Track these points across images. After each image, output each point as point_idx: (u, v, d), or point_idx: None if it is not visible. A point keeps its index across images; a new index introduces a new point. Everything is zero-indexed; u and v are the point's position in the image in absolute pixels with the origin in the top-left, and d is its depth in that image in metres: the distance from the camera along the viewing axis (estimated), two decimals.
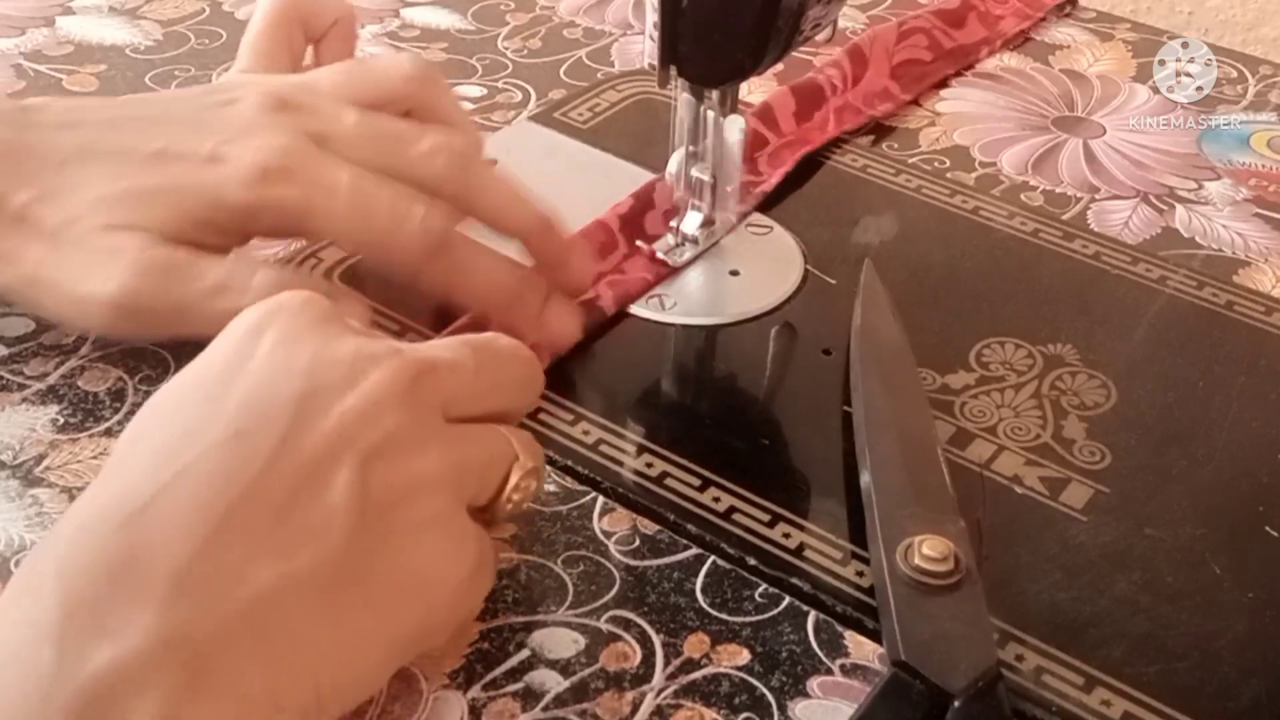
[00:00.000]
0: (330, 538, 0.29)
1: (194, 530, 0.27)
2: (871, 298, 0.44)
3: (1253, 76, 0.63)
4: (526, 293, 0.42)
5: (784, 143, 0.55)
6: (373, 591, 0.29)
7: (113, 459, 0.31)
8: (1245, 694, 0.34)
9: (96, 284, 0.39)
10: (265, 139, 0.39)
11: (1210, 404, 0.43)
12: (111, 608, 0.26)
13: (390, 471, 0.30)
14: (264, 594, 0.28)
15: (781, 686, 0.33)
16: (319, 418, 0.30)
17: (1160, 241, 0.51)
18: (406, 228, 0.39)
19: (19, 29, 0.61)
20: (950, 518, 0.35)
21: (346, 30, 0.49)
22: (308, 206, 0.39)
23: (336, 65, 0.45)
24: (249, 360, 0.31)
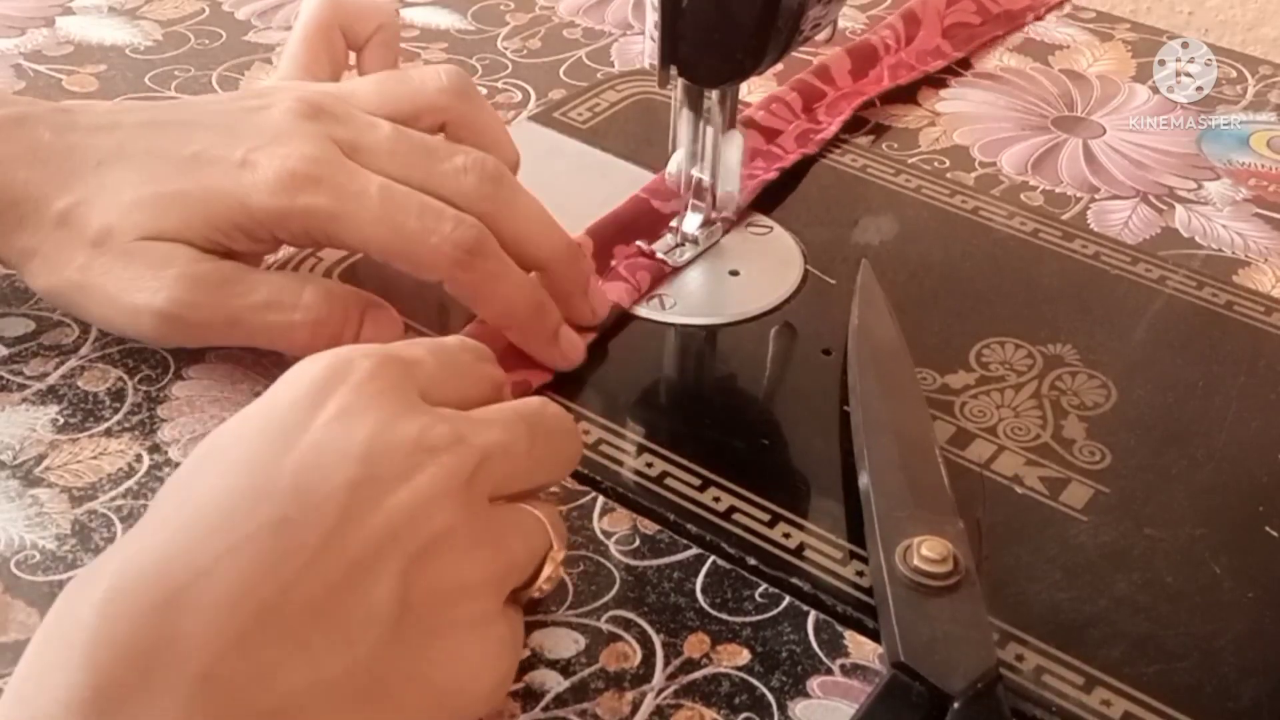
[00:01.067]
0: (365, 644, 0.28)
1: (228, 624, 0.26)
2: (868, 298, 0.44)
3: (1253, 76, 0.63)
4: (545, 314, 0.42)
5: (841, 94, 0.58)
6: (402, 700, 0.29)
7: (157, 508, 0.30)
8: (1245, 694, 0.34)
9: (147, 294, 0.39)
10: (295, 146, 0.39)
11: (1210, 404, 0.43)
12: (139, 699, 0.25)
13: (435, 575, 0.29)
14: (292, 699, 0.27)
15: (781, 686, 0.33)
16: (369, 512, 0.29)
17: (1160, 241, 0.51)
18: (433, 240, 0.39)
19: (19, 29, 0.61)
20: (949, 519, 0.35)
21: (389, 37, 0.48)
22: (336, 213, 0.39)
23: (373, 75, 0.45)
24: (306, 431, 0.30)
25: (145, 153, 0.40)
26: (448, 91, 0.43)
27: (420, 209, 0.39)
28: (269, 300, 0.40)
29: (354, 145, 0.40)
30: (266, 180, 0.38)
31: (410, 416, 0.31)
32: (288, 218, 0.39)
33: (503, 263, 0.40)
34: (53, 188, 0.40)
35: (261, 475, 0.29)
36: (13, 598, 0.35)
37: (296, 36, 0.46)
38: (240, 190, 0.39)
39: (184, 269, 0.39)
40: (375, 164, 0.40)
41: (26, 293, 0.45)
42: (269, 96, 0.41)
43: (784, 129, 0.55)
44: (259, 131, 0.40)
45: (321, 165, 0.39)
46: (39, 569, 0.35)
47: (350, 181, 0.39)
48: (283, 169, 0.38)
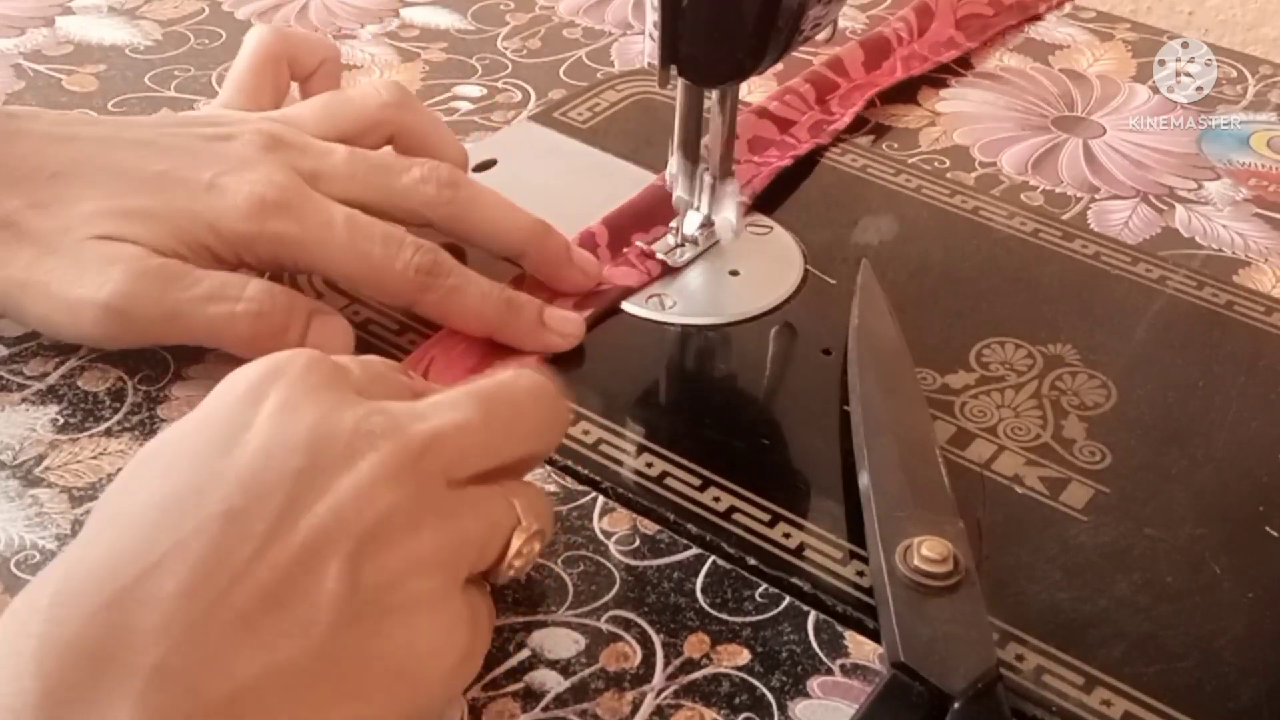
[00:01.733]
0: (317, 628, 0.28)
1: (179, 617, 0.26)
2: (868, 298, 0.44)
3: (1253, 76, 0.63)
4: (519, 308, 0.43)
5: (854, 85, 0.59)
6: (360, 682, 0.29)
7: (99, 514, 0.30)
8: (1245, 694, 0.34)
9: (90, 288, 0.39)
10: (263, 173, 0.40)
11: (1210, 404, 0.43)
12: (90, 697, 0.25)
13: (383, 556, 0.29)
14: (246, 687, 0.26)
15: (781, 686, 0.33)
16: (314, 499, 0.29)
17: (1160, 241, 0.51)
18: (397, 266, 0.40)
19: (19, 29, 0.61)
20: (949, 519, 0.35)
21: (333, 70, 0.49)
22: (304, 241, 0.40)
23: (316, 99, 0.45)
24: (247, 429, 0.30)
25: (106, 168, 0.40)
26: (389, 105, 0.45)
27: (384, 237, 0.41)
28: (211, 292, 0.39)
29: (315, 173, 0.41)
30: (237, 205, 0.40)
31: (350, 406, 0.31)
32: (257, 242, 0.40)
33: (462, 276, 0.42)
34: (1, 192, 0.39)
35: (206, 470, 0.29)
36: (12, 598, 0.34)
37: (243, 65, 0.47)
38: (210, 213, 0.40)
39: (130, 264, 0.39)
40: (337, 189, 0.41)
41: None
42: (227, 126, 0.42)
43: (798, 119, 0.56)
44: (224, 158, 0.41)
45: (289, 193, 0.40)
46: (39, 569, 0.35)
47: (316, 211, 0.40)
48: (252, 194, 0.40)
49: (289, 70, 0.48)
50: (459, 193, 0.43)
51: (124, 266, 0.39)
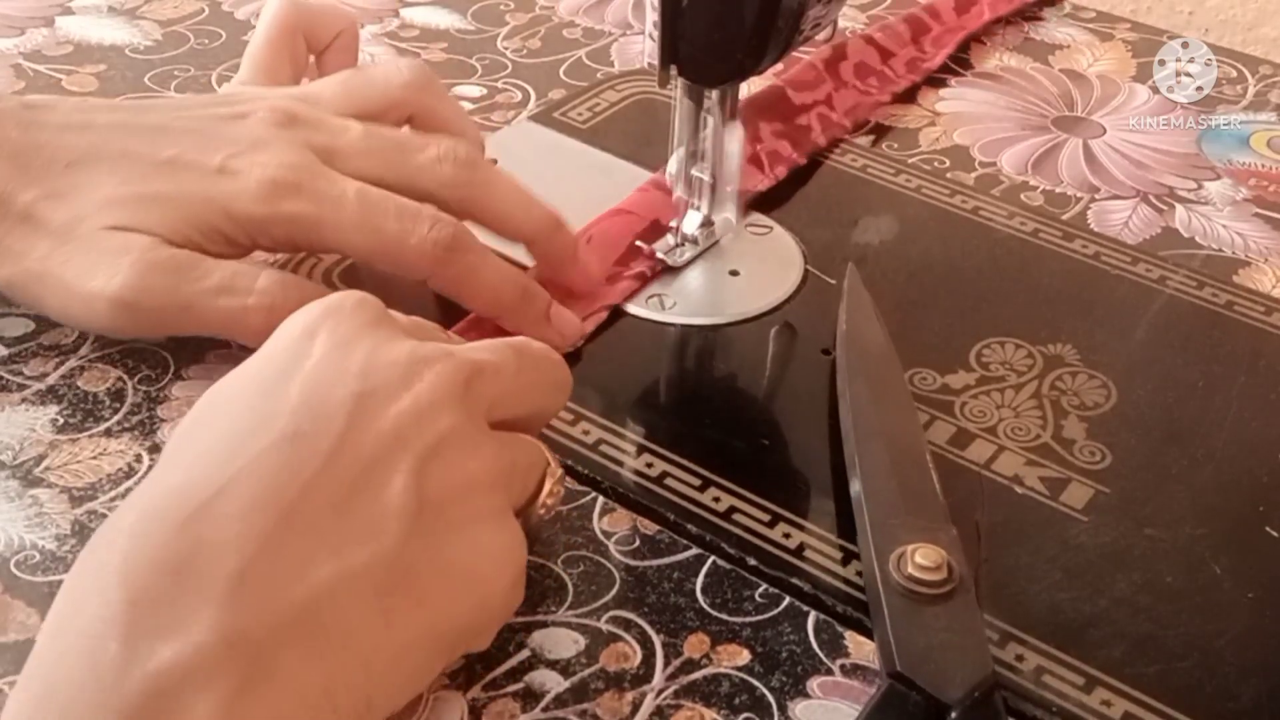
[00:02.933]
0: (386, 536, 0.29)
1: (254, 529, 0.28)
2: (856, 302, 0.44)
3: (1253, 76, 0.63)
4: (532, 295, 0.42)
5: (945, 29, 0.64)
6: (427, 589, 0.30)
7: (169, 450, 0.31)
8: (1245, 694, 0.34)
9: (101, 281, 0.39)
10: (274, 154, 0.40)
11: (1210, 404, 0.43)
12: (174, 605, 0.26)
13: (445, 471, 0.30)
14: (321, 592, 0.28)
15: (781, 687, 0.33)
16: (375, 419, 0.30)
17: (1160, 241, 0.51)
18: (413, 240, 0.40)
19: (19, 29, 0.61)
20: (942, 526, 0.35)
21: (349, 42, 0.49)
22: (318, 219, 0.40)
23: (335, 76, 0.45)
24: (305, 359, 0.31)
25: (120, 155, 0.40)
26: (410, 86, 0.45)
27: (398, 211, 0.40)
28: (222, 284, 0.40)
29: (329, 150, 0.41)
30: (249, 188, 0.39)
31: (400, 339, 0.33)
32: (270, 224, 0.40)
33: (482, 255, 0.41)
34: (18, 183, 0.40)
35: (269, 400, 0.30)
36: (13, 598, 0.35)
37: (259, 39, 0.47)
38: (222, 196, 0.39)
39: (141, 255, 0.39)
40: (351, 166, 0.41)
41: None
42: (242, 104, 0.42)
43: (897, 52, 0.61)
44: (236, 139, 0.40)
45: (301, 172, 0.40)
46: (39, 569, 0.35)
47: (330, 188, 0.40)
48: (264, 177, 0.39)
49: (306, 43, 0.48)
50: (475, 174, 0.42)
51: (134, 258, 0.39)
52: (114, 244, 0.39)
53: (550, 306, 0.43)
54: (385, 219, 0.40)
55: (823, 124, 0.56)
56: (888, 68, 0.60)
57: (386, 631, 0.29)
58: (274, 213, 0.39)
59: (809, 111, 0.56)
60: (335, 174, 0.40)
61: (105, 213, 0.39)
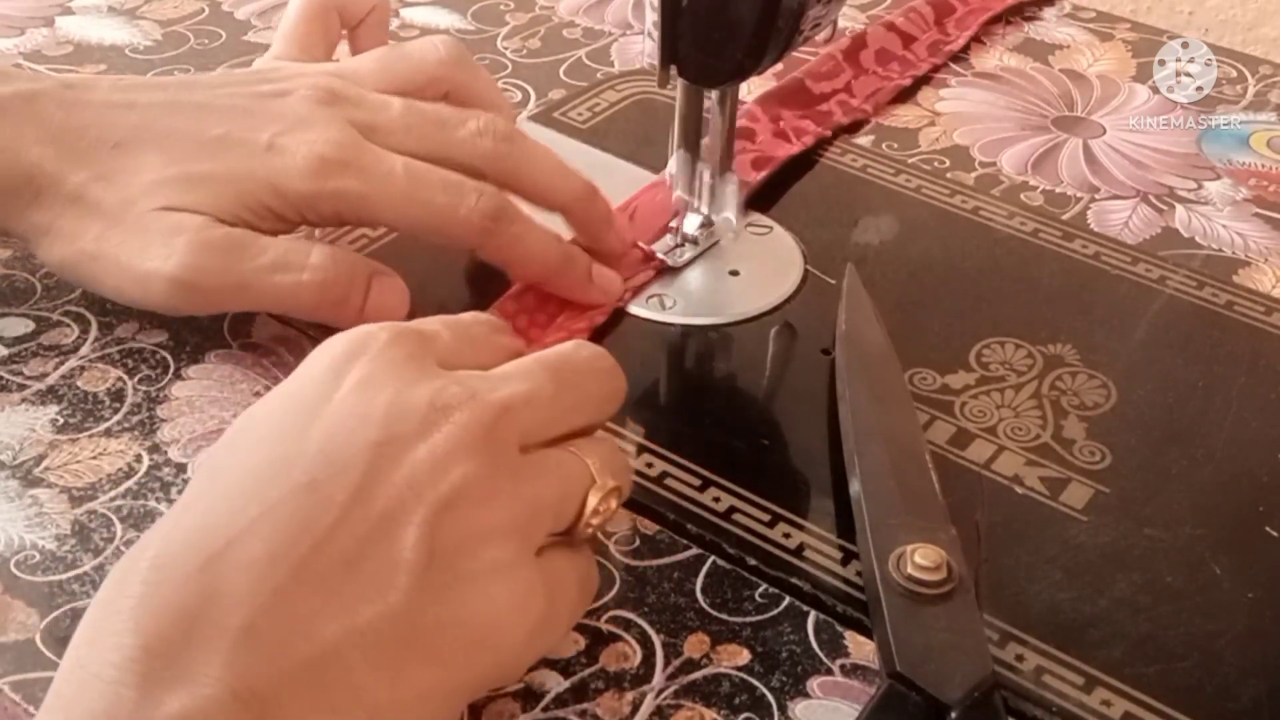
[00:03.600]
0: (395, 592, 0.29)
1: (266, 581, 0.28)
2: (855, 303, 0.44)
3: (1253, 76, 0.63)
4: (575, 259, 0.44)
5: (969, 10, 0.65)
6: (436, 647, 0.29)
7: (194, 486, 0.31)
8: (1245, 694, 0.34)
9: (158, 261, 0.39)
10: (320, 131, 0.40)
11: (1210, 404, 0.43)
12: (185, 654, 0.26)
13: (457, 524, 0.30)
14: (329, 649, 0.28)
15: (781, 687, 0.33)
16: (391, 469, 0.30)
17: (1160, 241, 0.51)
18: (461, 212, 0.41)
19: (19, 29, 0.61)
20: (942, 526, 0.35)
21: (381, 18, 0.50)
22: (366, 195, 0.40)
23: (373, 53, 0.46)
24: (328, 402, 0.31)
25: (166, 134, 0.41)
26: (447, 62, 0.45)
27: (443, 184, 0.41)
28: (276, 261, 0.40)
29: (371, 126, 0.42)
30: (297, 165, 0.40)
31: (426, 381, 0.32)
32: (319, 200, 0.40)
33: (526, 224, 0.42)
34: (68, 165, 0.40)
35: (289, 445, 0.30)
36: (13, 598, 0.35)
37: (293, 15, 0.48)
38: (271, 174, 0.40)
39: (195, 235, 0.39)
40: (393, 141, 0.41)
41: (26, 292, 0.45)
42: (284, 81, 0.43)
43: (919, 37, 0.62)
44: (280, 116, 0.41)
45: (347, 149, 0.40)
46: (39, 569, 0.35)
47: (376, 164, 0.41)
48: (311, 153, 0.40)
49: (339, 18, 0.48)
50: (514, 147, 0.43)
51: (189, 238, 0.39)
52: (168, 224, 0.40)
53: (591, 267, 0.44)
54: (433, 192, 0.41)
55: (843, 109, 0.57)
56: (909, 52, 0.62)
57: (393, 689, 0.28)
58: (323, 189, 0.40)
59: (829, 100, 0.58)
60: (380, 150, 0.41)
61: (157, 193, 0.40)
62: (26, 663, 0.33)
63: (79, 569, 0.35)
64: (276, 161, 0.40)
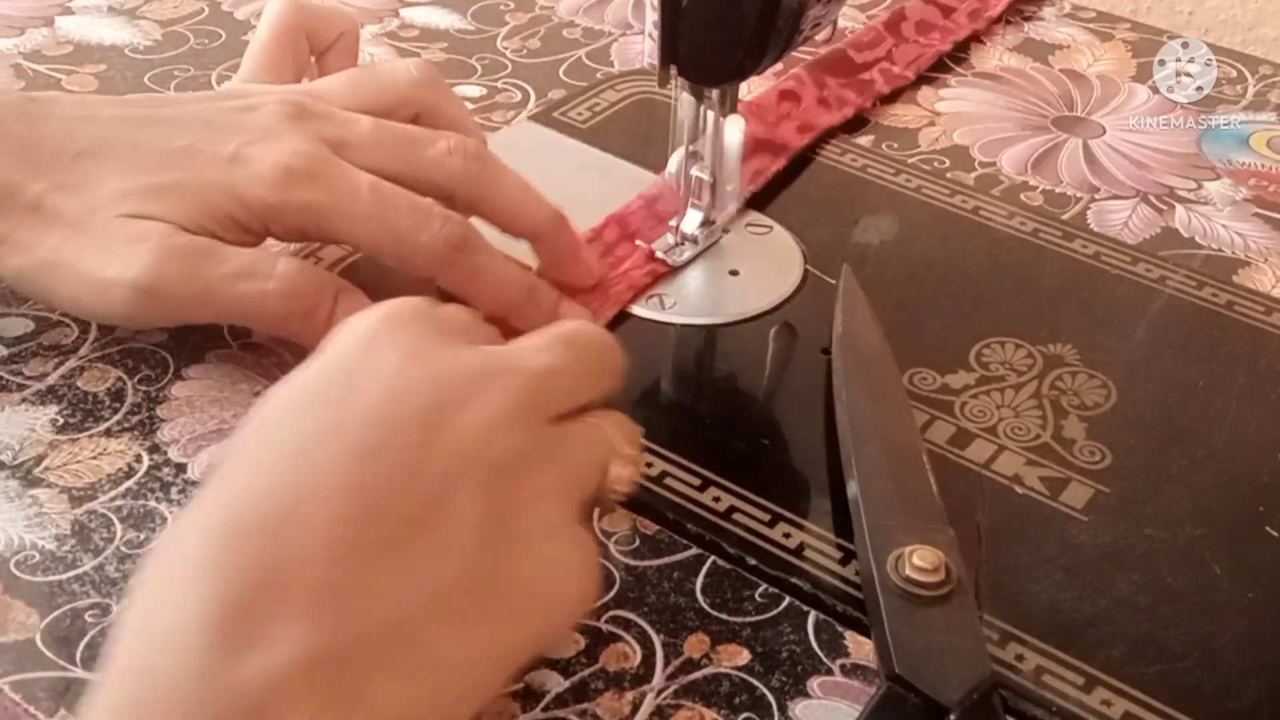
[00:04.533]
0: (460, 552, 0.29)
1: (338, 542, 0.28)
2: (851, 304, 0.44)
3: (1253, 76, 0.63)
4: (539, 294, 0.43)
5: None
6: (499, 606, 0.30)
7: (236, 458, 0.31)
8: (1245, 694, 0.34)
9: (119, 268, 0.39)
10: (288, 142, 0.40)
11: (1210, 404, 0.43)
12: (264, 615, 0.26)
13: (512, 486, 0.30)
14: (399, 612, 0.28)
15: (782, 686, 0.33)
16: (444, 434, 0.30)
17: (1160, 241, 0.51)
18: (424, 238, 0.40)
19: (18, 29, 0.61)
20: (940, 527, 0.35)
21: (351, 43, 0.49)
22: (330, 209, 0.40)
23: (343, 74, 0.45)
24: (369, 371, 0.31)
25: (131, 146, 0.40)
26: (418, 84, 0.45)
27: (410, 208, 0.40)
28: (242, 270, 0.40)
29: (340, 142, 0.41)
30: (262, 175, 0.39)
31: (463, 348, 0.33)
32: (283, 212, 0.40)
33: (490, 255, 0.42)
34: (27, 175, 0.40)
35: (340, 410, 0.30)
36: (13, 598, 0.35)
37: (262, 38, 0.47)
38: (236, 184, 0.39)
39: (159, 242, 0.39)
40: (363, 158, 0.41)
41: None
42: (251, 97, 0.42)
43: (957, 6, 0.65)
44: (247, 129, 0.40)
45: (314, 161, 0.40)
46: (39, 569, 0.35)
47: (342, 179, 0.40)
48: (278, 164, 0.39)
49: (308, 42, 0.48)
50: (485, 168, 0.42)
51: (152, 245, 0.39)
52: (130, 231, 0.39)
53: (559, 303, 0.43)
54: (397, 215, 0.40)
55: (885, 76, 0.59)
56: (950, 21, 0.64)
57: (462, 647, 0.29)
58: (287, 200, 0.39)
59: (871, 69, 0.60)
60: (348, 166, 0.40)
61: (120, 202, 0.39)
62: (26, 663, 0.33)
63: (79, 569, 0.35)
64: (241, 172, 0.39)
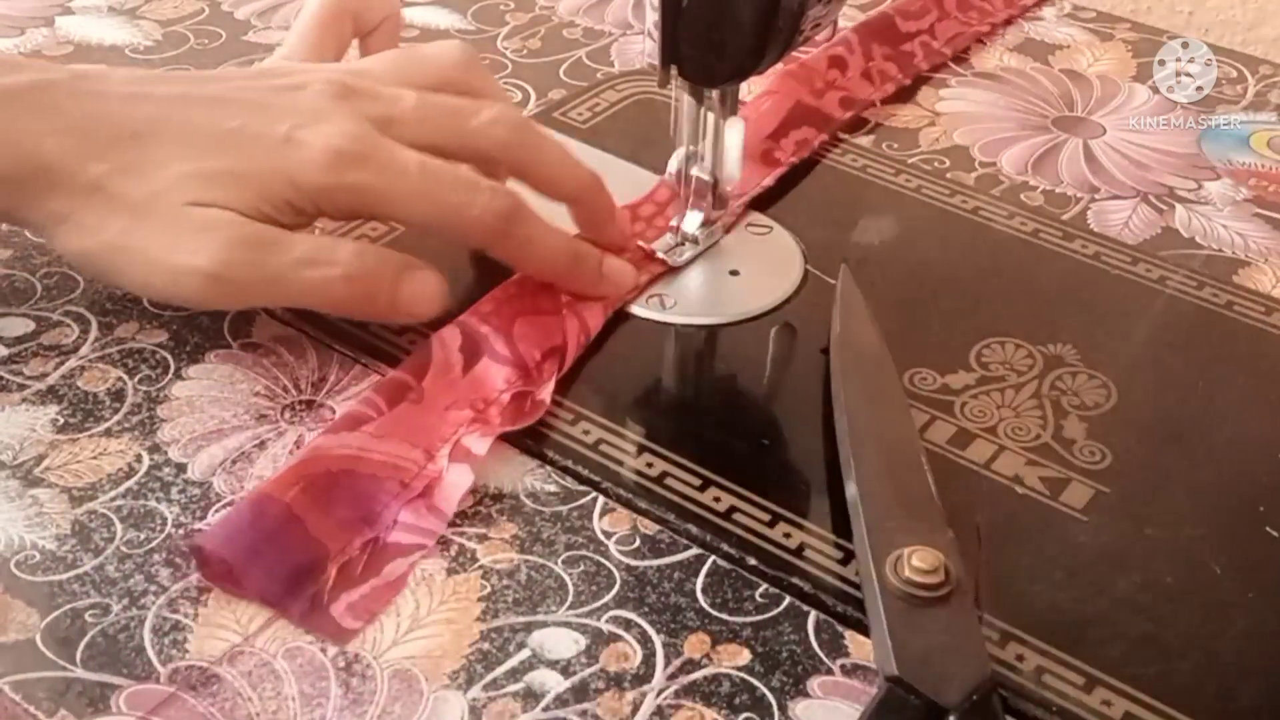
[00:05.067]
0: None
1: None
2: (848, 304, 0.44)
3: (1253, 76, 0.63)
4: (584, 259, 0.44)
5: None
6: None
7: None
8: (1245, 694, 0.34)
9: (188, 255, 0.40)
10: (337, 124, 0.41)
11: (1210, 404, 0.43)
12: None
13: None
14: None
15: (782, 686, 0.33)
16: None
17: (1160, 241, 0.51)
18: (474, 212, 0.41)
19: (19, 29, 0.61)
20: (939, 528, 0.35)
21: (394, 27, 0.51)
22: (380, 190, 0.41)
23: (386, 54, 0.47)
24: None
25: (184, 126, 0.41)
26: (460, 65, 0.46)
27: (457, 182, 0.41)
28: (307, 257, 0.40)
29: (386, 119, 0.42)
30: (314, 158, 0.40)
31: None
32: (336, 194, 0.41)
33: (537, 225, 0.43)
34: (86, 155, 0.40)
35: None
36: (13, 598, 0.35)
37: (309, 18, 0.48)
38: (289, 167, 0.40)
39: (228, 231, 0.40)
40: (408, 133, 0.42)
41: (26, 292, 0.45)
42: (298, 76, 0.43)
43: None
44: (296, 110, 0.41)
45: (364, 143, 0.41)
46: (39, 569, 0.35)
47: (390, 159, 0.41)
48: (328, 147, 0.40)
49: (353, 25, 0.49)
50: (528, 136, 0.44)
51: (221, 234, 0.40)
52: (198, 220, 0.40)
53: (602, 263, 0.45)
54: (446, 190, 0.41)
55: (925, 51, 0.62)
56: (987, 2, 0.66)
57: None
58: (339, 182, 0.40)
59: (914, 40, 0.62)
60: (396, 145, 0.41)
61: (183, 187, 0.40)
62: (26, 663, 0.33)
63: (79, 569, 0.35)
64: (294, 155, 0.40)
